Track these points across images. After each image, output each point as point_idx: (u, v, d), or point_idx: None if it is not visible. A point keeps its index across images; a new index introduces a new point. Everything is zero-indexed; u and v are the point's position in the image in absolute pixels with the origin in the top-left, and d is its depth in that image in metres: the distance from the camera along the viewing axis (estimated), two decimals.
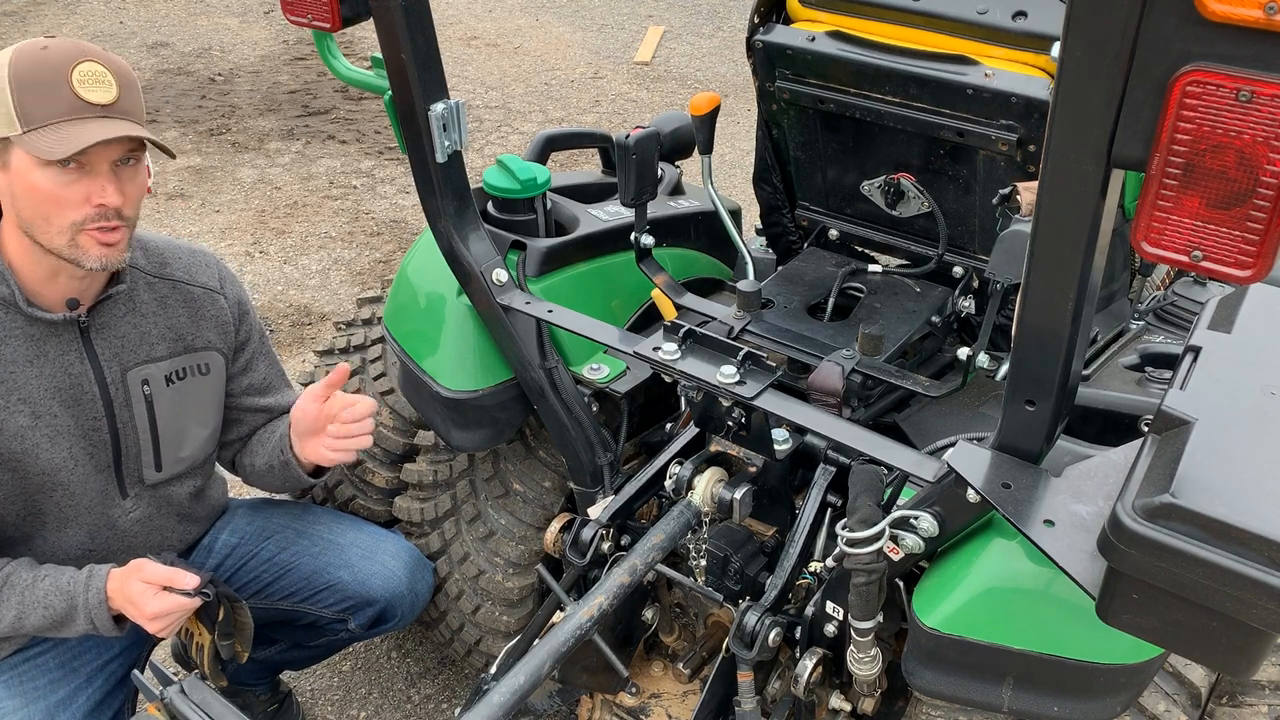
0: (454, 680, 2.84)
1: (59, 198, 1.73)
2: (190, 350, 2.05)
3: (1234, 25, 0.87)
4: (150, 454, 2.02)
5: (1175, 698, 1.62)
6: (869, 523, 1.53)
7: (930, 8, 2.08)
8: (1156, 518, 1.08)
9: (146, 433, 2.00)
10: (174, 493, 2.11)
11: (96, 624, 1.88)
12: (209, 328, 2.07)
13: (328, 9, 1.72)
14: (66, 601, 1.87)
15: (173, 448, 2.05)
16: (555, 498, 2.29)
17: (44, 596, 1.87)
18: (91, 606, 1.87)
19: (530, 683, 1.58)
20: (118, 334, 1.95)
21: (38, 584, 1.88)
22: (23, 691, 1.95)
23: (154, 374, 1.99)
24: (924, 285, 2.30)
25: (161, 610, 1.83)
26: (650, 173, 2.08)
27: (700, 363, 1.76)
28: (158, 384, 2.00)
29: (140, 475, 2.03)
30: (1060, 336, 1.21)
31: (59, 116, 1.69)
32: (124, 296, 1.95)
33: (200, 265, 2.10)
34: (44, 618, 1.87)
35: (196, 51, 6.84)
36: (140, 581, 1.85)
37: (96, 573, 1.89)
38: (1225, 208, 0.94)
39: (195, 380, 2.06)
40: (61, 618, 1.87)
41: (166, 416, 2.02)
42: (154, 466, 2.04)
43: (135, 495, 2.04)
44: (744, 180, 3.61)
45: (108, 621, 1.87)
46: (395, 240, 4.90)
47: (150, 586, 1.84)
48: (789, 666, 1.91)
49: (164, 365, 2.01)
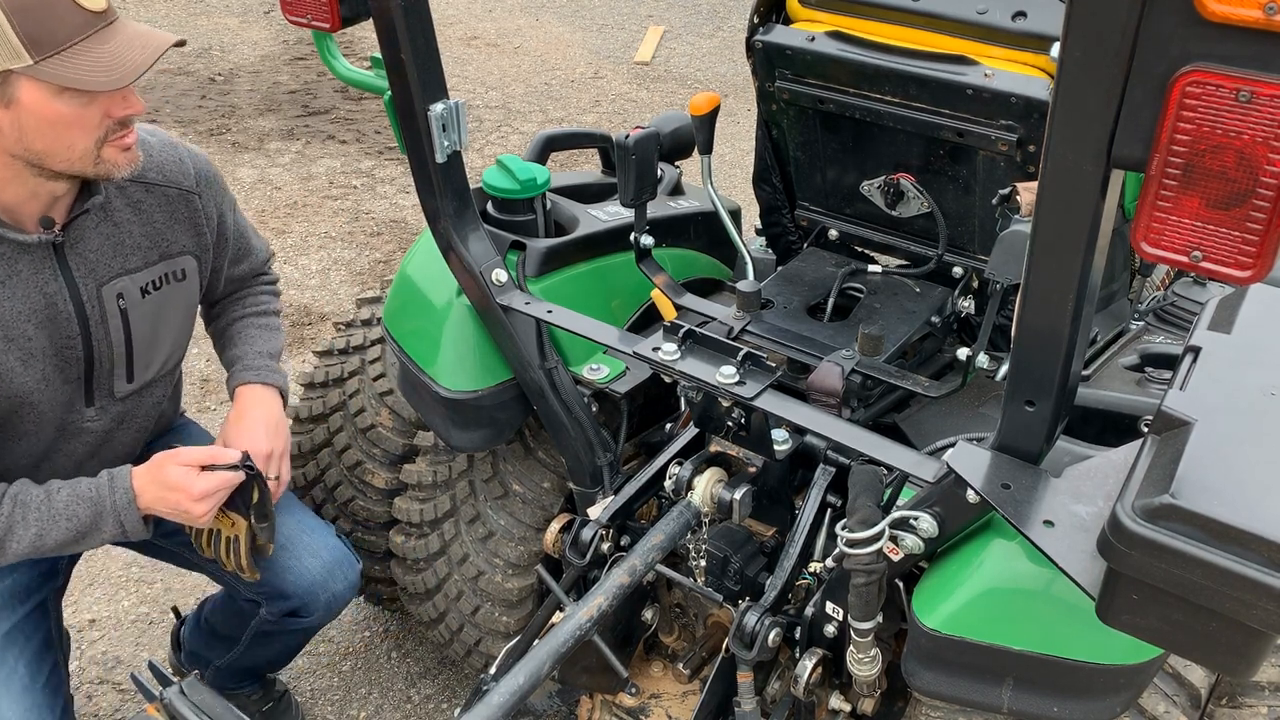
0: (454, 680, 2.84)
1: (82, 120, 1.66)
2: (166, 257, 1.97)
3: (1234, 25, 0.87)
4: (123, 366, 1.96)
5: (1175, 699, 1.62)
6: (869, 523, 1.53)
7: (930, 8, 2.08)
8: (1156, 518, 1.07)
9: (121, 346, 1.93)
10: (140, 404, 2.05)
11: (126, 526, 1.84)
12: (183, 231, 1.98)
13: (327, 9, 1.72)
14: (92, 509, 1.82)
15: (145, 358, 1.99)
16: (555, 498, 2.29)
17: (65, 508, 1.81)
18: (120, 508, 1.83)
19: (530, 683, 1.58)
20: (92, 248, 1.86)
21: (54, 498, 1.82)
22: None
23: (129, 287, 1.91)
24: (924, 285, 2.30)
25: (210, 488, 1.82)
26: (650, 173, 2.07)
27: (700, 363, 1.76)
28: (133, 297, 1.92)
29: (111, 388, 1.97)
30: (1060, 337, 1.21)
31: (73, 37, 1.60)
32: (98, 208, 1.86)
33: (175, 164, 1.99)
34: (68, 530, 1.81)
35: (196, 51, 6.84)
36: (178, 466, 1.82)
37: (118, 474, 1.86)
38: (1225, 208, 0.94)
39: (171, 288, 1.98)
40: (88, 527, 1.83)
41: (141, 328, 1.95)
42: (125, 378, 1.97)
43: (101, 407, 1.97)
44: (744, 180, 3.61)
45: (138, 522, 1.84)
46: (395, 240, 4.90)
47: (191, 469, 1.82)
48: (789, 667, 1.91)
49: (140, 276, 1.93)
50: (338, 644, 2.94)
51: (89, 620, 2.98)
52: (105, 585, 3.09)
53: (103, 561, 3.16)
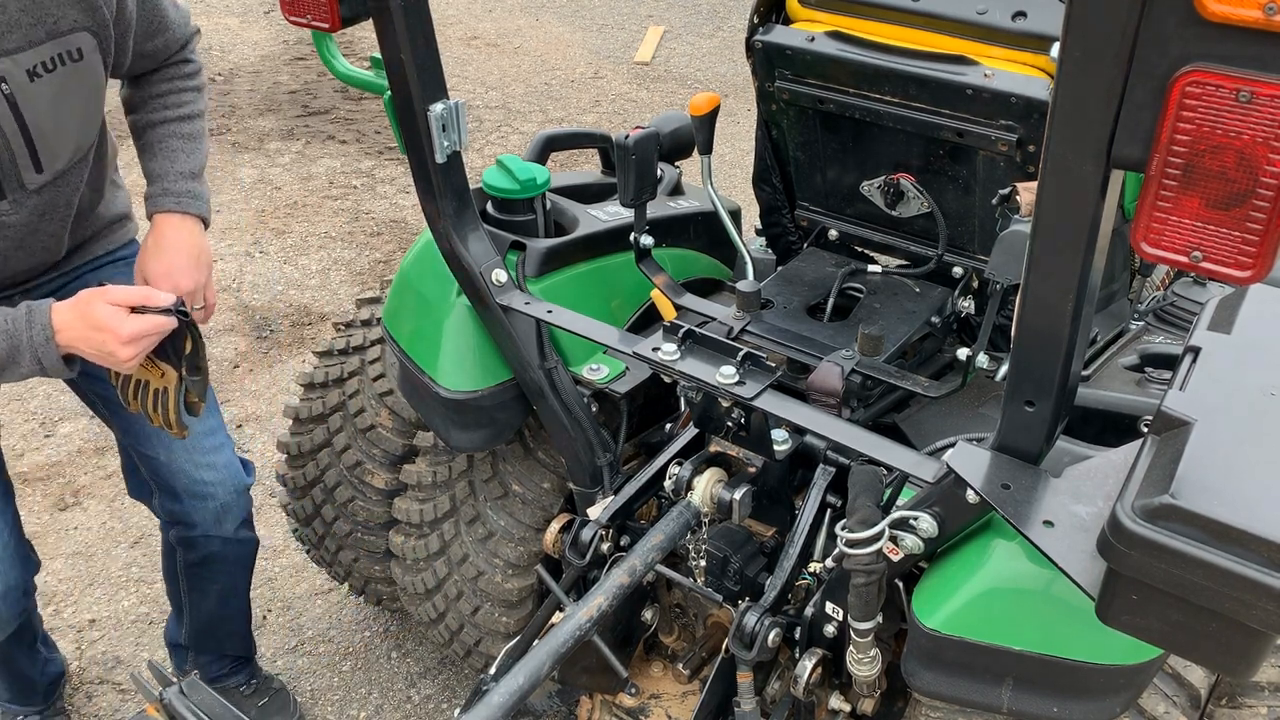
0: (454, 680, 2.84)
1: None
2: (55, 35, 1.79)
3: (1234, 25, 0.86)
4: (27, 157, 1.83)
5: (1175, 699, 1.62)
6: (868, 523, 1.53)
7: (930, 8, 2.08)
8: (1156, 519, 1.07)
9: (17, 135, 1.80)
10: (58, 194, 1.94)
11: (45, 363, 1.76)
12: (71, 5, 1.80)
13: (327, 9, 1.72)
14: (7, 342, 1.73)
15: (51, 147, 1.86)
16: (554, 498, 2.29)
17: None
18: (38, 345, 1.73)
19: (530, 683, 1.58)
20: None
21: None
22: None
23: (11, 70, 1.76)
24: (924, 285, 2.30)
25: (139, 331, 1.72)
26: (650, 173, 2.07)
27: (700, 363, 1.76)
28: (18, 80, 1.77)
29: (19, 180, 1.85)
30: (1060, 337, 1.21)
31: None
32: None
33: None
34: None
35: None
36: (107, 305, 1.72)
37: (36, 308, 1.75)
38: (1225, 208, 0.94)
39: (67, 70, 1.82)
40: (3, 361, 1.74)
41: (37, 114, 1.81)
42: (33, 169, 1.86)
43: (15, 200, 1.87)
44: (744, 180, 3.61)
45: (56, 360, 1.75)
46: (395, 240, 4.90)
47: (120, 309, 1.72)
48: (788, 667, 1.91)
49: (24, 58, 1.76)
50: (338, 644, 2.94)
51: (89, 620, 2.98)
52: (105, 585, 3.09)
53: (103, 562, 3.17)
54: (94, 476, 3.49)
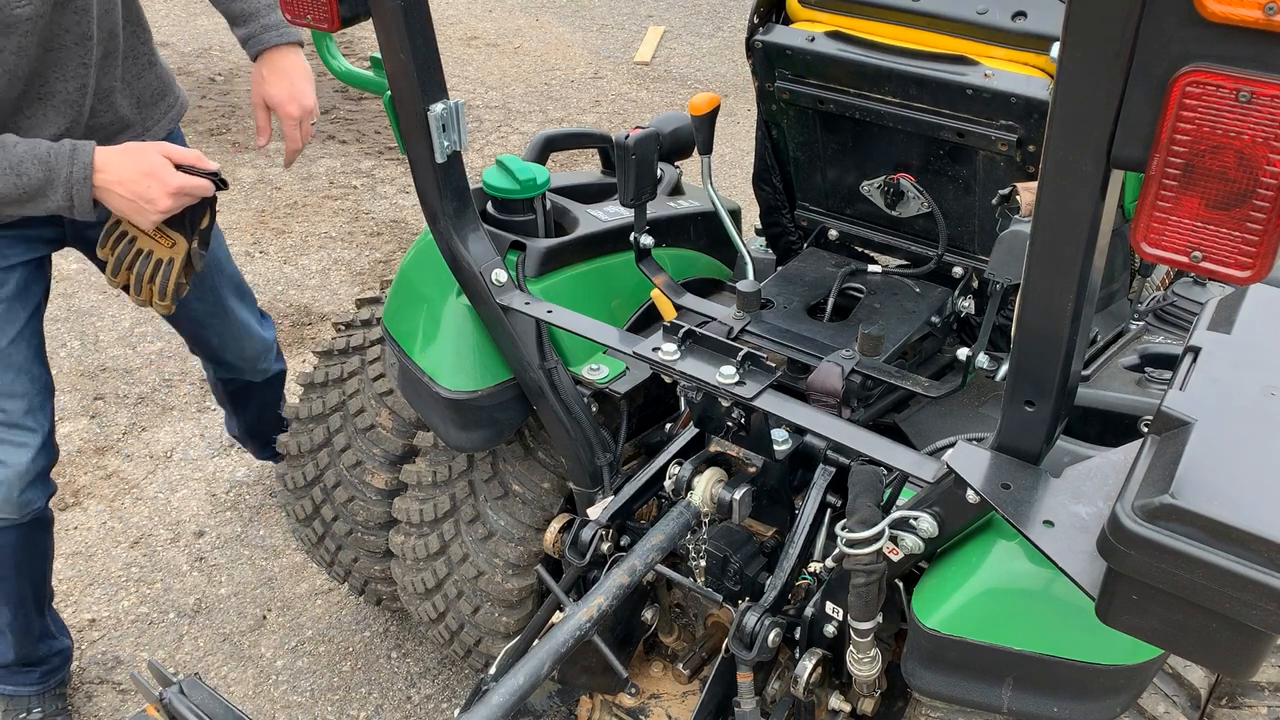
0: (454, 680, 2.84)
1: None
2: None
3: (1234, 25, 0.86)
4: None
5: (1175, 699, 1.62)
6: (868, 523, 1.53)
7: (930, 8, 2.08)
8: (1156, 519, 1.07)
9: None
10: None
11: (76, 200, 1.81)
12: None
13: (327, 9, 1.72)
14: (45, 171, 1.79)
15: None
16: (554, 498, 2.29)
17: (17, 163, 1.77)
18: (75, 180, 1.80)
19: (530, 683, 1.58)
20: None
21: (8, 150, 1.77)
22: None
23: None
24: (924, 286, 2.30)
25: (185, 186, 1.83)
26: (650, 173, 2.07)
27: (700, 363, 1.76)
28: None
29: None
30: (1060, 337, 1.21)
31: None
32: None
33: None
34: (14, 186, 1.78)
35: (196, 51, 6.84)
36: (161, 155, 1.82)
37: (81, 146, 1.82)
38: (1225, 208, 0.94)
39: None
40: (36, 189, 1.80)
41: None
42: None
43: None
44: (744, 180, 3.61)
45: (87, 200, 1.82)
46: (395, 240, 4.90)
47: (170, 163, 1.83)
48: (788, 667, 1.91)
49: None
50: (338, 644, 2.94)
51: (89, 620, 2.98)
52: (105, 585, 3.10)
53: (103, 562, 3.17)
54: (94, 476, 3.49)
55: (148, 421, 3.75)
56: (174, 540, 3.26)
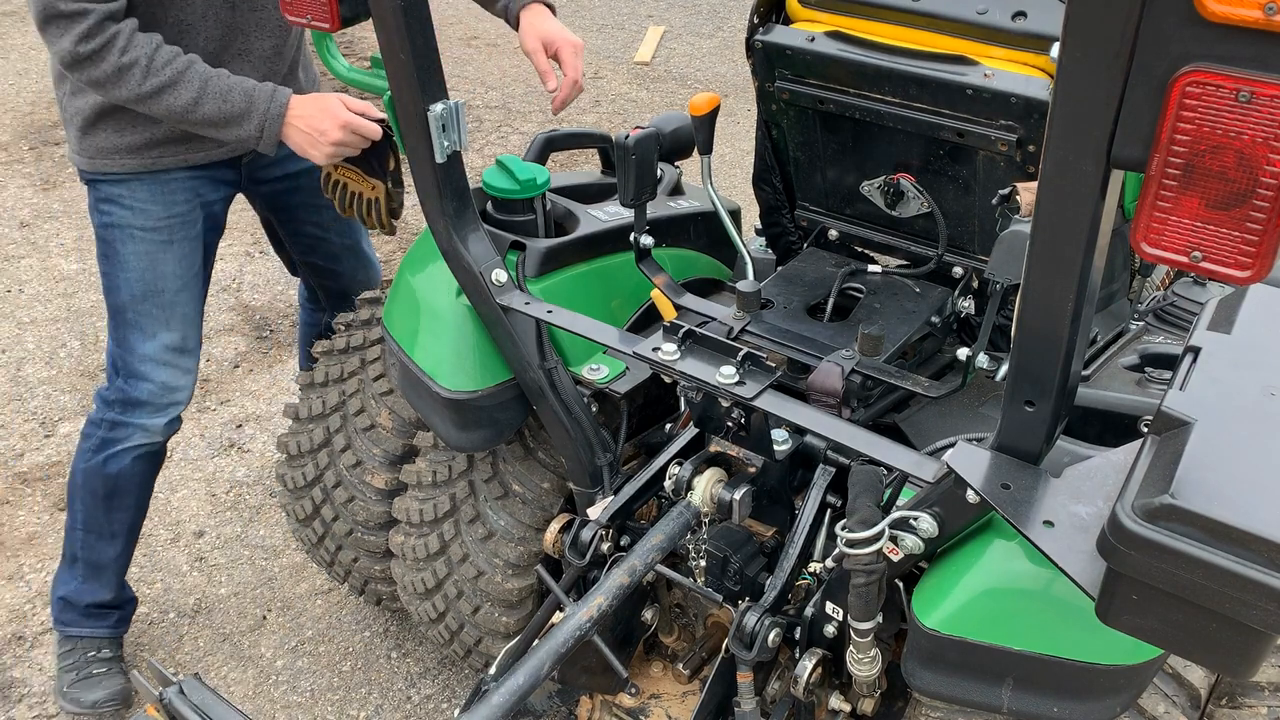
0: (454, 680, 2.84)
1: None
2: None
3: (1233, 25, 0.87)
4: None
5: (1174, 699, 1.62)
6: (868, 523, 1.53)
7: (930, 8, 2.08)
8: (1156, 519, 1.07)
9: None
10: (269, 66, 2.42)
11: (265, 133, 2.18)
12: None
13: (327, 9, 1.72)
14: (246, 102, 2.15)
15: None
16: (554, 498, 2.29)
17: (226, 91, 2.14)
18: (271, 115, 2.16)
19: (530, 683, 1.58)
20: None
21: (220, 78, 2.15)
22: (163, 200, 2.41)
23: None
24: (924, 286, 2.30)
25: (353, 122, 2.15)
26: (650, 173, 2.07)
27: (700, 363, 1.76)
28: None
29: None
30: (1060, 337, 1.21)
31: None
32: None
33: None
34: (219, 110, 2.14)
35: None
36: (339, 99, 2.18)
37: (281, 89, 2.20)
38: (1225, 208, 0.94)
39: None
40: (237, 115, 2.15)
41: None
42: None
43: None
44: (744, 180, 3.60)
45: (274, 134, 2.19)
46: (395, 240, 4.90)
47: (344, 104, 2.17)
48: (788, 667, 1.91)
49: None
50: (338, 644, 2.94)
51: None
52: None
53: None
54: None
55: None
56: (174, 540, 3.26)
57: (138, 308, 2.44)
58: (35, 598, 3.03)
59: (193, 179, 2.45)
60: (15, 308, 4.35)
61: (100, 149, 2.35)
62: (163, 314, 2.47)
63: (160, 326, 2.47)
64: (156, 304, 2.45)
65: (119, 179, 2.39)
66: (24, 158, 5.50)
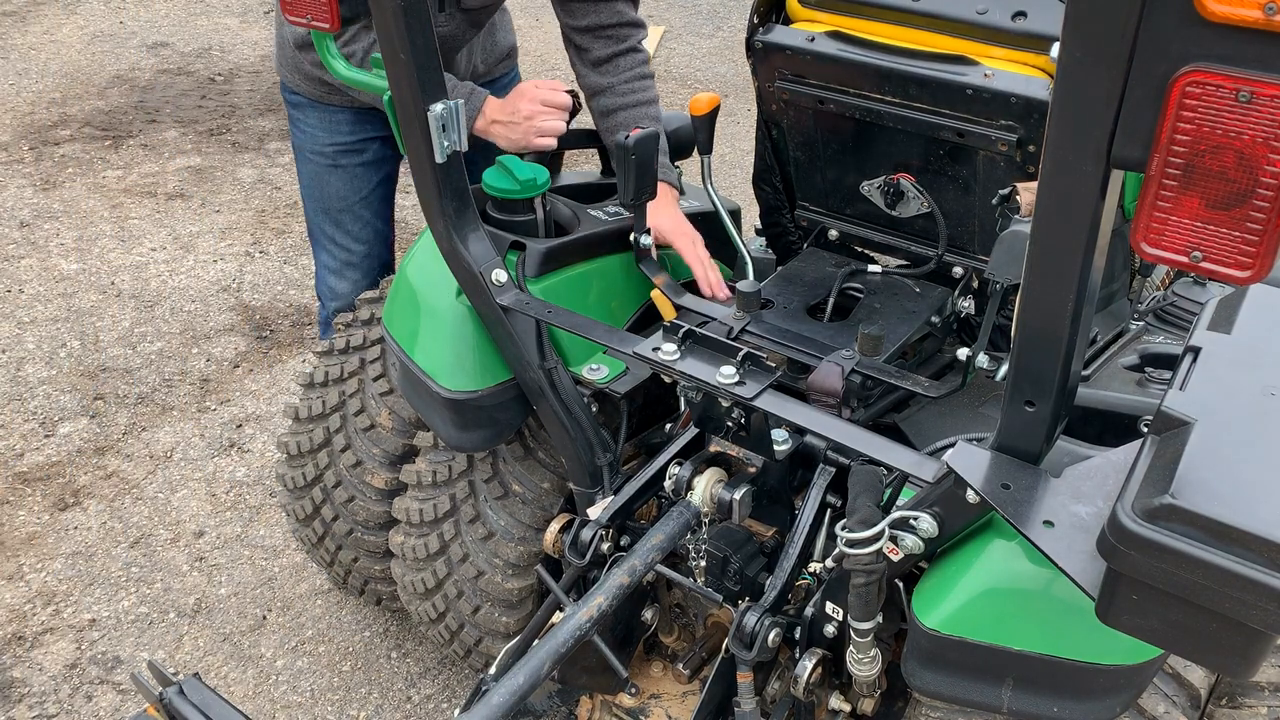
0: (454, 680, 2.84)
1: None
2: None
3: (1234, 26, 0.86)
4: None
5: (1175, 699, 1.62)
6: (868, 523, 1.53)
7: (930, 8, 2.08)
8: (1156, 519, 1.07)
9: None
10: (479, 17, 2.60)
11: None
12: None
13: (327, 9, 1.72)
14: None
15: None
16: (554, 498, 2.29)
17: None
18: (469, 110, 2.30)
19: (530, 683, 1.58)
20: None
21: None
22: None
23: None
24: (924, 286, 2.30)
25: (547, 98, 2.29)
26: (650, 173, 2.07)
27: (700, 363, 1.76)
28: None
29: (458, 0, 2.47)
30: (1060, 337, 1.21)
31: None
32: None
33: None
34: None
35: (196, 51, 6.84)
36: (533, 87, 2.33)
37: (478, 90, 2.36)
38: (1225, 208, 0.94)
39: None
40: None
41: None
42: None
43: (449, 14, 2.51)
44: (744, 180, 3.60)
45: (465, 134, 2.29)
46: (395, 241, 4.90)
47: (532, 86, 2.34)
48: (788, 667, 1.91)
49: None
50: (338, 644, 2.94)
51: (89, 620, 2.98)
52: (105, 585, 3.10)
53: (103, 562, 3.17)
54: (94, 476, 3.49)
55: (148, 421, 3.75)
56: (174, 540, 3.26)
57: (313, 220, 2.94)
58: (35, 598, 3.03)
59: (358, 116, 2.76)
60: (15, 308, 4.35)
61: (294, 67, 2.75)
62: (331, 229, 2.93)
63: (328, 240, 2.95)
64: (328, 220, 2.92)
65: (296, 102, 2.80)
66: (24, 158, 5.50)
